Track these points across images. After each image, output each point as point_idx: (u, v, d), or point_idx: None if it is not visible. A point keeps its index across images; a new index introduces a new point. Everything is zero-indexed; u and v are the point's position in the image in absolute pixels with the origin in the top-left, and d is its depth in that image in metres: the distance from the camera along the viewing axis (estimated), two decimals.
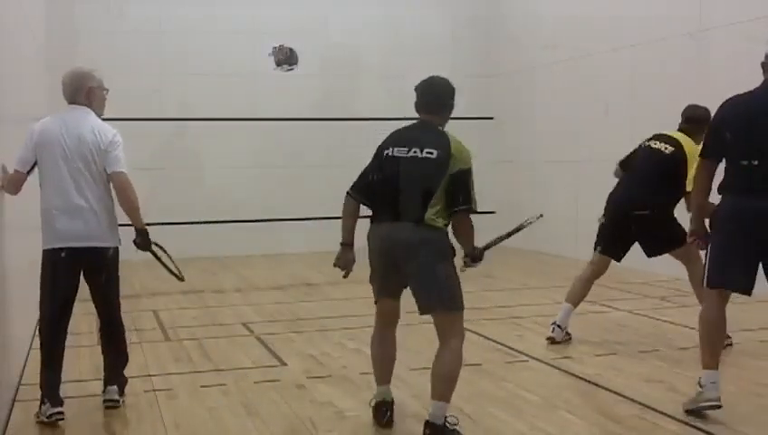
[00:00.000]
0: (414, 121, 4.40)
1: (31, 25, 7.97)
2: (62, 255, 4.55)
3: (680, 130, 6.19)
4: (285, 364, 5.71)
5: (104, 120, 4.89)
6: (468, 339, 6.44)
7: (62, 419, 4.47)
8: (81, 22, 11.50)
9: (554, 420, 4.49)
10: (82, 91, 4.80)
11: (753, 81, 6.93)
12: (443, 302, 4.05)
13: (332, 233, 13.87)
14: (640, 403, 4.70)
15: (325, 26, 12.31)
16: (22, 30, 6.86)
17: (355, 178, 4.36)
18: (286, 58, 10.40)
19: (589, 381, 5.21)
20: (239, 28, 11.97)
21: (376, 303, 4.42)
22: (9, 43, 5.75)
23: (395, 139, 4.30)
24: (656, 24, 9.58)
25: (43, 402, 4.48)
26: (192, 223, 11.61)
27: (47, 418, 4.44)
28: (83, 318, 7.56)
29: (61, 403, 4.50)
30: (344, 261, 4.37)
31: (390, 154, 4.21)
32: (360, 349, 6.12)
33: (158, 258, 5.30)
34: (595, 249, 6.29)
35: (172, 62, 11.79)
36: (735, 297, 7.35)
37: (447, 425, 4.02)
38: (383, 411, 4.40)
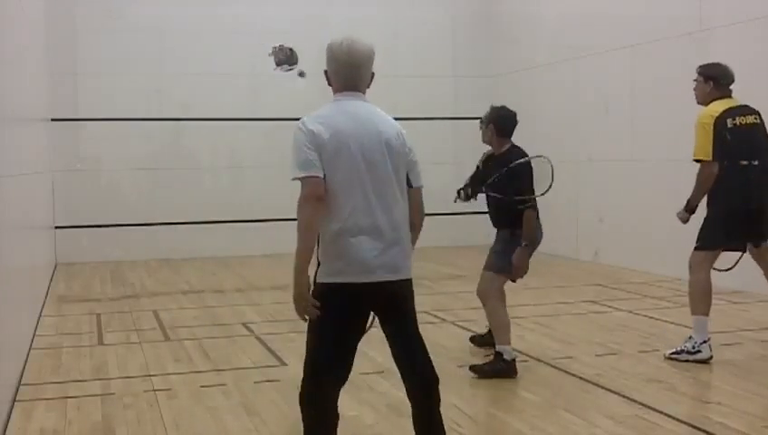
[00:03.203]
0: None
1: (31, 26, 7.98)
2: (358, 290, 3.43)
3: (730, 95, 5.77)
4: (285, 364, 5.71)
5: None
6: (468, 339, 6.46)
7: None
8: (81, 22, 11.50)
9: (554, 420, 4.49)
10: (368, 76, 3.55)
11: (752, 80, 6.97)
12: None
13: None
14: (640, 403, 4.70)
15: (325, 26, 12.30)
16: (22, 30, 6.87)
17: None
18: (286, 58, 10.36)
19: (589, 381, 5.20)
20: (239, 28, 11.96)
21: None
22: (9, 43, 5.75)
23: None
24: (656, 24, 9.57)
25: None
26: (192, 223, 11.63)
27: None
28: (84, 318, 7.58)
29: None
30: None
31: None
32: (360, 349, 6.11)
33: None
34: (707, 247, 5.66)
35: (172, 62, 11.78)
36: (734, 297, 7.36)
37: None
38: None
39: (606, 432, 4.27)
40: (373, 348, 6.20)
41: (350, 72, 3.51)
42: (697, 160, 5.56)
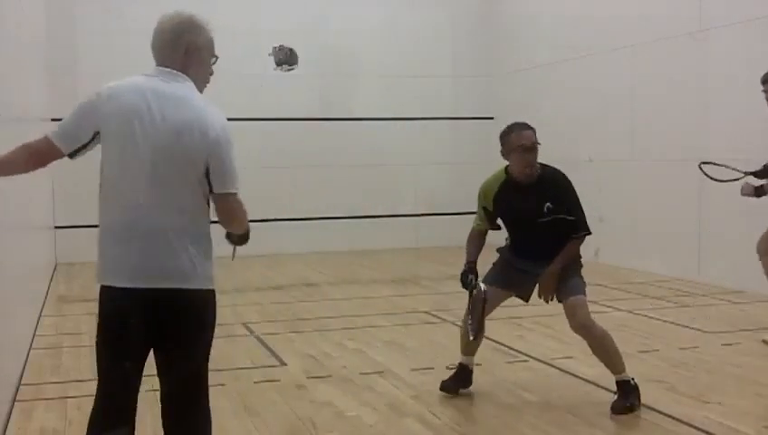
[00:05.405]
0: None
1: (31, 26, 7.98)
2: (126, 298, 3.01)
3: None
4: (285, 364, 5.71)
5: None
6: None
7: None
8: (81, 22, 11.50)
9: (554, 420, 4.49)
10: (180, 48, 3.08)
11: (752, 81, 6.96)
12: None
13: (331, 233, 13.89)
14: (640, 403, 4.70)
15: (325, 26, 12.32)
16: (22, 30, 6.86)
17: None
18: (286, 58, 10.36)
19: (589, 381, 5.20)
20: (239, 28, 11.95)
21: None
22: (9, 43, 5.75)
23: None
24: (656, 24, 9.58)
25: None
26: None
27: None
28: (84, 318, 7.58)
29: None
30: None
31: None
32: (360, 349, 6.12)
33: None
34: None
35: None
36: (734, 297, 7.33)
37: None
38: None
39: (606, 432, 4.27)
40: (372, 348, 6.21)
41: (155, 45, 3.09)
42: None
